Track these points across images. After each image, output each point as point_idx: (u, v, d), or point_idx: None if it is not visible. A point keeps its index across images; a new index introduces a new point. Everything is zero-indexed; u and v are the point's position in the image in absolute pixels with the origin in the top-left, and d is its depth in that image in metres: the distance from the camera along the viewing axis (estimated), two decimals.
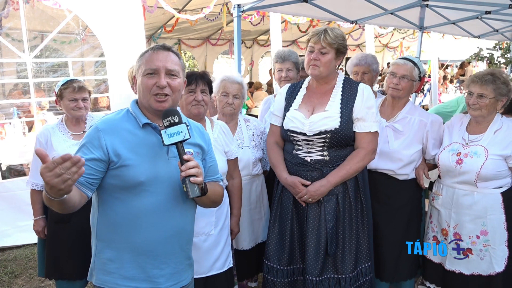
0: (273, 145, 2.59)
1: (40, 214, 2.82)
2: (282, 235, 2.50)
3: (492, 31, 6.87)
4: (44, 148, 2.71)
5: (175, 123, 1.61)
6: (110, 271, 1.70)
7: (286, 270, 2.49)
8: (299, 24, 10.61)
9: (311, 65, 2.40)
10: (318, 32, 2.37)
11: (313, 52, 2.39)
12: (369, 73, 3.31)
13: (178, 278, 1.80)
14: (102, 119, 1.75)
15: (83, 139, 1.69)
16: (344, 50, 2.42)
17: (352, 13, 5.66)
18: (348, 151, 2.40)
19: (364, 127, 2.38)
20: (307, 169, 2.40)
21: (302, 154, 2.43)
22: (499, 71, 2.61)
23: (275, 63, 3.30)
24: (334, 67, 2.43)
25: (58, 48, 8.14)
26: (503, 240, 2.55)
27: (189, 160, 1.61)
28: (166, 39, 11.02)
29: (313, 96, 2.49)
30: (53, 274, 2.80)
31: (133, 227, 1.68)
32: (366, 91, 2.42)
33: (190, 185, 1.59)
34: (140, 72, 1.70)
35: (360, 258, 2.45)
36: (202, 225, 2.34)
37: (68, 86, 2.74)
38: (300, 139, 2.42)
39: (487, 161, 2.50)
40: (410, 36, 14.15)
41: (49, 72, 7.27)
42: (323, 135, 2.35)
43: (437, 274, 2.76)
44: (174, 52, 1.73)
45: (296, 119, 2.42)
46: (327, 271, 2.41)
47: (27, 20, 4.64)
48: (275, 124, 2.60)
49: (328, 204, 2.39)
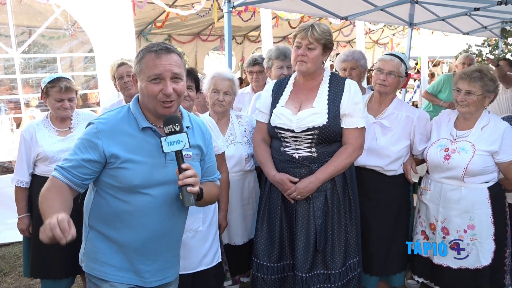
0: (260, 142, 2.58)
1: (24, 212, 2.77)
2: (271, 232, 2.50)
3: (481, 27, 6.93)
4: (29, 145, 2.68)
5: (175, 132, 1.61)
6: (99, 260, 1.72)
7: (276, 267, 2.49)
8: (290, 20, 10.58)
9: (298, 61, 2.38)
10: (305, 28, 2.35)
11: (300, 48, 2.36)
12: (357, 68, 3.32)
13: (163, 275, 1.82)
14: (103, 116, 1.72)
15: (82, 135, 1.68)
16: (330, 46, 2.41)
17: (342, 9, 5.67)
18: (335, 147, 2.41)
19: (351, 123, 2.38)
20: (295, 166, 2.40)
21: (290, 151, 2.42)
22: (487, 68, 2.65)
23: (275, 60, 3.24)
24: (320, 63, 2.43)
25: (46, 43, 8.03)
26: (490, 234, 2.59)
27: (188, 168, 1.62)
28: (156, 34, 10.94)
29: (300, 92, 2.48)
30: (38, 273, 2.76)
31: (124, 224, 1.69)
32: (353, 87, 2.42)
33: (186, 194, 1.61)
34: (143, 77, 1.66)
35: (349, 253, 2.47)
36: (190, 222, 2.33)
37: (54, 85, 2.66)
38: (287, 136, 2.41)
39: (474, 156, 2.53)
40: (400, 32, 14.22)
41: (37, 68, 7.19)
42: (311, 132, 2.35)
43: (425, 268, 2.80)
44: (176, 52, 1.68)
45: (284, 116, 2.41)
46: (317, 267, 2.42)
47: (14, 15, 4.58)
48: (262, 121, 2.58)
49: (316, 200, 2.40)
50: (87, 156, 1.62)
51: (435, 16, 6.04)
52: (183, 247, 2.33)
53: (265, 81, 3.63)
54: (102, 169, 1.67)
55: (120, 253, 1.72)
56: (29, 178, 2.74)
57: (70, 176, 1.64)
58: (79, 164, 1.63)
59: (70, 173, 1.64)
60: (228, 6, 4.27)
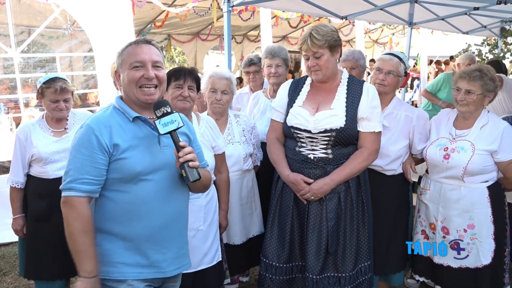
0: (274, 141, 2.54)
1: (19, 213, 2.75)
2: (282, 232, 2.47)
3: (480, 27, 6.94)
4: (24, 145, 2.67)
5: (168, 113, 1.67)
6: (112, 261, 1.71)
7: (285, 268, 2.46)
8: (290, 20, 10.58)
9: (312, 72, 2.37)
10: (305, 38, 2.31)
11: (308, 59, 2.35)
12: (356, 68, 3.32)
13: (180, 263, 1.85)
14: (91, 118, 1.74)
15: (79, 142, 1.67)
16: (337, 43, 2.35)
17: (342, 9, 5.67)
18: (351, 150, 2.39)
19: (368, 127, 2.36)
20: (310, 167, 2.37)
21: (305, 151, 2.39)
22: (487, 67, 2.64)
23: (265, 59, 3.30)
24: (335, 64, 2.39)
25: (45, 43, 8.03)
26: (490, 233, 2.59)
27: (185, 146, 1.68)
28: (155, 34, 10.94)
29: (317, 93, 2.44)
30: (32, 274, 2.75)
31: (134, 216, 1.70)
32: (371, 91, 2.40)
33: (189, 169, 1.66)
34: (125, 66, 1.72)
35: (360, 257, 2.44)
36: (191, 221, 2.33)
37: (50, 86, 2.62)
38: (304, 136, 2.38)
39: (474, 156, 2.53)
40: (399, 32, 14.23)
41: (37, 68, 7.19)
42: (328, 133, 2.32)
43: (426, 267, 2.80)
44: (154, 46, 1.77)
45: (301, 116, 2.38)
46: (327, 270, 2.39)
47: (14, 15, 4.58)
48: (277, 120, 2.54)
49: (330, 202, 2.37)
50: (95, 157, 1.63)
51: (434, 16, 6.04)
52: None
53: (262, 80, 3.64)
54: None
55: (132, 250, 1.71)
56: (24, 178, 2.73)
57: (87, 187, 1.64)
58: (89, 168, 1.64)
59: (85, 183, 1.64)
60: (228, 6, 4.26)
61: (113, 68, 3.17)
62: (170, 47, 12.41)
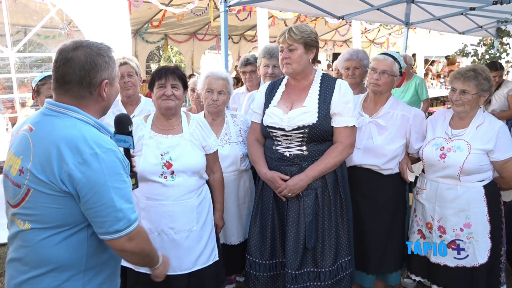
0: (253, 142, 2.63)
1: None
2: (263, 229, 2.53)
3: (477, 27, 6.97)
4: None
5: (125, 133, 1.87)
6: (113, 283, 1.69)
7: (268, 264, 2.52)
8: (286, 20, 10.59)
9: (283, 64, 2.44)
10: (284, 32, 2.41)
11: (283, 51, 2.43)
12: (360, 68, 3.31)
13: None
14: (98, 144, 1.47)
15: (118, 170, 1.49)
16: (313, 44, 2.44)
17: (339, 9, 5.68)
18: (326, 146, 2.44)
19: (341, 122, 2.41)
20: (286, 164, 2.44)
21: (281, 149, 2.46)
22: (481, 67, 2.65)
23: (262, 58, 3.27)
24: (307, 62, 2.45)
25: (42, 42, 8.01)
26: (486, 232, 2.60)
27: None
28: (152, 34, 10.94)
29: (291, 92, 2.52)
30: None
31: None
32: (343, 86, 2.45)
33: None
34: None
35: (340, 253, 2.47)
36: (183, 223, 2.34)
37: (45, 82, 2.62)
38: (279, 135, 2.45)
39: (470, 155, 2.55)
40: (396, 32, 14.27)
41: (33, 67, 7.17)
42: (301, 130, 2.38)
43: (422, 266, 2.81)
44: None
45: (275, 115, 2.45)
46: (307, 265, 2.44)
47: (10, 14, 4.56)
48: (255, 121, 2.63)
49: (307, 198, 2.42)
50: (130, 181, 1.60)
51: (431, 16, 6.06)
52: (177, 247, 2.33)
53: (258, 80, 3.63)
54: None
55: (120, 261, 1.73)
56: None
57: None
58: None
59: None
60: (225, 6, 4.27)
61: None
62: (167, 47, 12.40)
